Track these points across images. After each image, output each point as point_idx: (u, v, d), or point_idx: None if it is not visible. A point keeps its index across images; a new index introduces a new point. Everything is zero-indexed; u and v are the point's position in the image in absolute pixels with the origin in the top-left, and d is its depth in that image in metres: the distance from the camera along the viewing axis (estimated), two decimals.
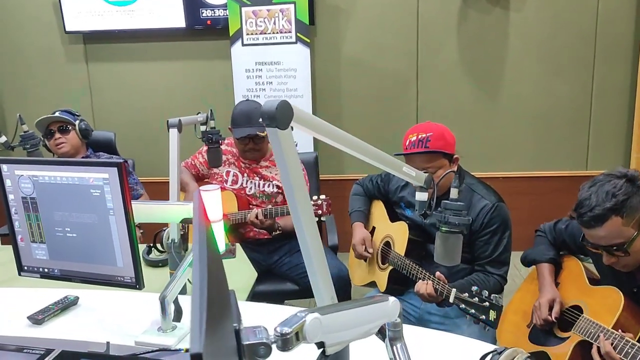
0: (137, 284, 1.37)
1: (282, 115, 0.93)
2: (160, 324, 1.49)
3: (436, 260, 1.44)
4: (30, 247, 1.46)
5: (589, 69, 3.77)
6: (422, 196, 1.42)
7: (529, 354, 1.17)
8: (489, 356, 1.19)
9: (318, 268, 1.08)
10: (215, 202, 1.32)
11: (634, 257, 1.47)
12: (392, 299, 0.94)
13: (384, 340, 0.99)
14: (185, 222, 1.55)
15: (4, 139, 2.24)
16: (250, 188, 2.61)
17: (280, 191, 2.62)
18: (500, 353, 1.17)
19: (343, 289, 2.47)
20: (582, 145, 3.90)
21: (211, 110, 2.28)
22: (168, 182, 2.69)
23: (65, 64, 4.08)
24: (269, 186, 2.60)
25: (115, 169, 1.29)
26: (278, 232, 2.56)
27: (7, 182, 1.42)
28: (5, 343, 1.40)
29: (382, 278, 2.15)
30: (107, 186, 1.32)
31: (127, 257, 1.36)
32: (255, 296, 2.58)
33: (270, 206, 2.51)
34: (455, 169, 2.03)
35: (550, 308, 1.68)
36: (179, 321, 1.54)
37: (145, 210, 1.42)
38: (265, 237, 2.61)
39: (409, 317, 2.11)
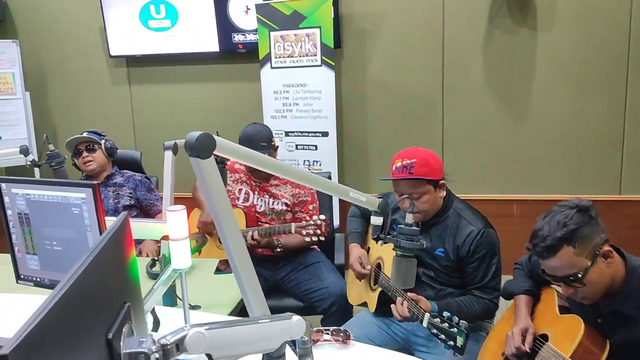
0: None
1: (202, 146, 1.03)
2: None
3: (392, 283, 1.49)
4: (25, 257, 1.62)
5: (621, 90, 3.66)
6: (376, 220, 1.47)
7: None
8: None
9: (247, 285, 1.16)
10: (179, 221, 1.43)
11: (592, 289, 1.46)
12: (296, 317, 1.00)
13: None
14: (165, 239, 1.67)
15: (31, 157, 2.46)
16: (261, 206, 2.71)
17: (288, 209, 2.71)
18: None
19: (344, 308, 2.52)
20: (615, 168, 3.78)
21: (217, 132, 2.41)
22: (186, 197, 2.86)
23: (110, 86, 4.38)
24: (277, 204, 2.70)
25: (90, 189, 1.42)
26: (279, 249, 2.63)
27: (6, 199, 1.59)
28: None
29: (372, 299, 2.19)
30: (84, 205, 1.46)
31: None
32: None
33: (266, 225, 2.60)
34: (442, 194, 2.06)
35: (523, 337, 1.67)
36: (156, 331, 1.66)
37: None
38: (273, 254, 2.70)
39: (396, 337, 2.14)
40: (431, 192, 2.00)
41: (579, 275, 1.43)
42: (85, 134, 2.80)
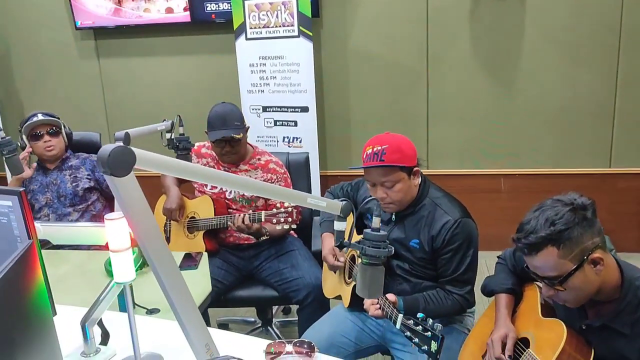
0: None
1: (117, 162, 0.86)
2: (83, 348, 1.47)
3: (358, 292, 1.36)
4: None
5: (613, 59, 3.50)
6: (339, 226, 1.33)
7: None
8: None
9: (187, 321, 1.02)
10: (120, 231, 1.28)
11: (574, 294, 1.33)
12: None
13: None
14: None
15: None
16: (230, 192, 2.56)
17: (260, 195, 2.56)
18: None
19: (320, 299, 2.40)
20: (606, 140, 3.64)
21: (179, 117, 2.24)
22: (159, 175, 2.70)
23: (78, 60, 4.15)
24: None
25: (16, 197, 1.27)
26: (266, 237, 2.50)
27: None
28: None
29: (346, 293, 2.07)
30: (12, 214, 1.30)
31: None
32: (235, 301, 2.56)
33: (251, 211, 2.45)
34: (417, 182, 1.91)
35: (504, 344, 1.56)
36: (106, 344, 1.52)
37: (58, 233, 1.40)
38: (246, 242, 2.57)
39: (372, 334, 2.02)
40: (404, 179, 1.85)
41: (560, 279, 1.30)
42: (40, 116, 2.61)
